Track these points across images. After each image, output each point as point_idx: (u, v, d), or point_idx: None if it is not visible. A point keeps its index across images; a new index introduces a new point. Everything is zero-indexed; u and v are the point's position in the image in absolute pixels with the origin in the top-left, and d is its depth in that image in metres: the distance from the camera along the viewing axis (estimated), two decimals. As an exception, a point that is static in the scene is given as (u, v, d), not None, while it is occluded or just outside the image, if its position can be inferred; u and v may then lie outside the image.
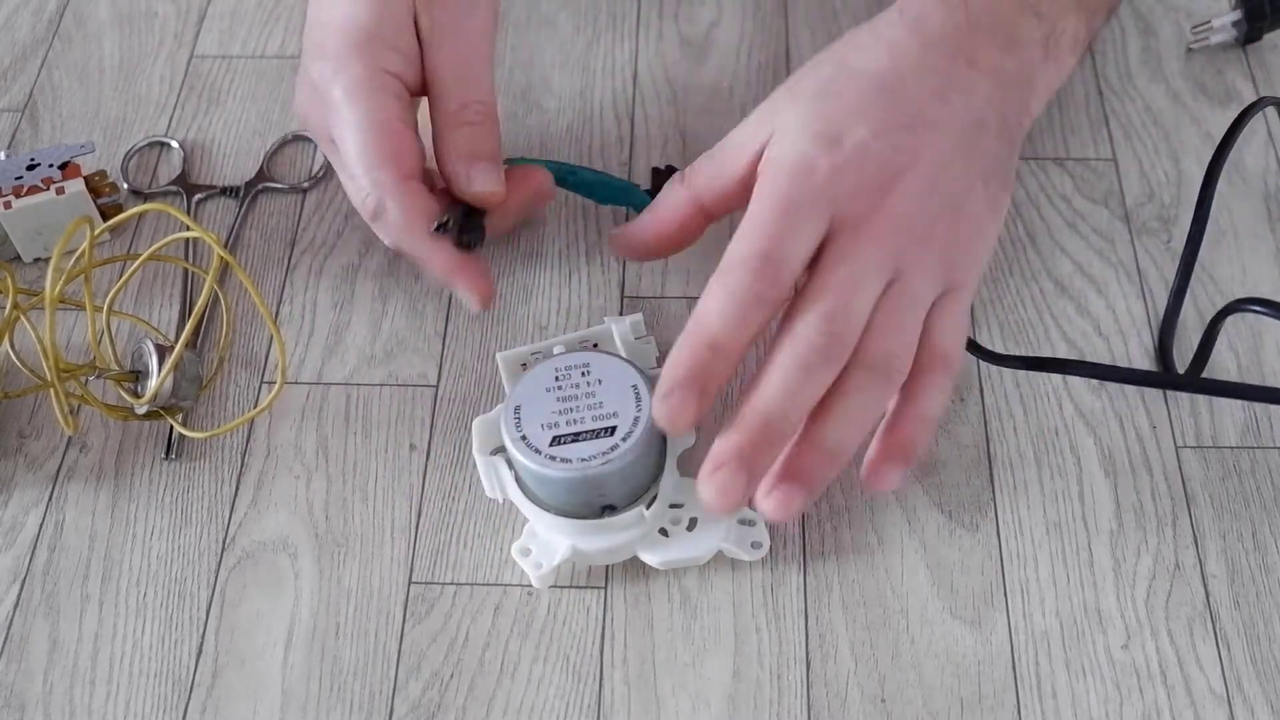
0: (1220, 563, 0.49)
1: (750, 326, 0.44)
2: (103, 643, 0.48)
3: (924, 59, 0.49)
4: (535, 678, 0.47)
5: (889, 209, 0.46)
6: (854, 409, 0.44)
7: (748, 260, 0.44)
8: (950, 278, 0.47)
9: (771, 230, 0.45)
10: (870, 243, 0.45)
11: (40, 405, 0.54)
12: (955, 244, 0.47)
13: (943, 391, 0.46)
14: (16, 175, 0.58)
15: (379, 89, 0.51)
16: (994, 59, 0.49)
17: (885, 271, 0.45)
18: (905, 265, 0.45)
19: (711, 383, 0.43)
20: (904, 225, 0.46)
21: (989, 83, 0.49)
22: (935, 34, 0.49)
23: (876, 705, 0.46)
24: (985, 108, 0.49)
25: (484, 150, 0.52)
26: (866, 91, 0.48)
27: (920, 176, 0.47)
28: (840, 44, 0.51)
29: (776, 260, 0.44)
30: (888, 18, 0.51)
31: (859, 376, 0.44)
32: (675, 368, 0.43)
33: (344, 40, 0.51)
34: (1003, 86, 0.50)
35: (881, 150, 0.47)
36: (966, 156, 0.48)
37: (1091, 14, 0.53)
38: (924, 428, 0.45)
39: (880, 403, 0.45)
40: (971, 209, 0.47)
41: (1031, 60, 0.51)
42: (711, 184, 0.50)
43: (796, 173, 0.46)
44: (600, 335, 0.52)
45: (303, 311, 0.57)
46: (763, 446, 0.42)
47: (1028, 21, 0.51)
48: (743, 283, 0.44)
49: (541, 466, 0.46)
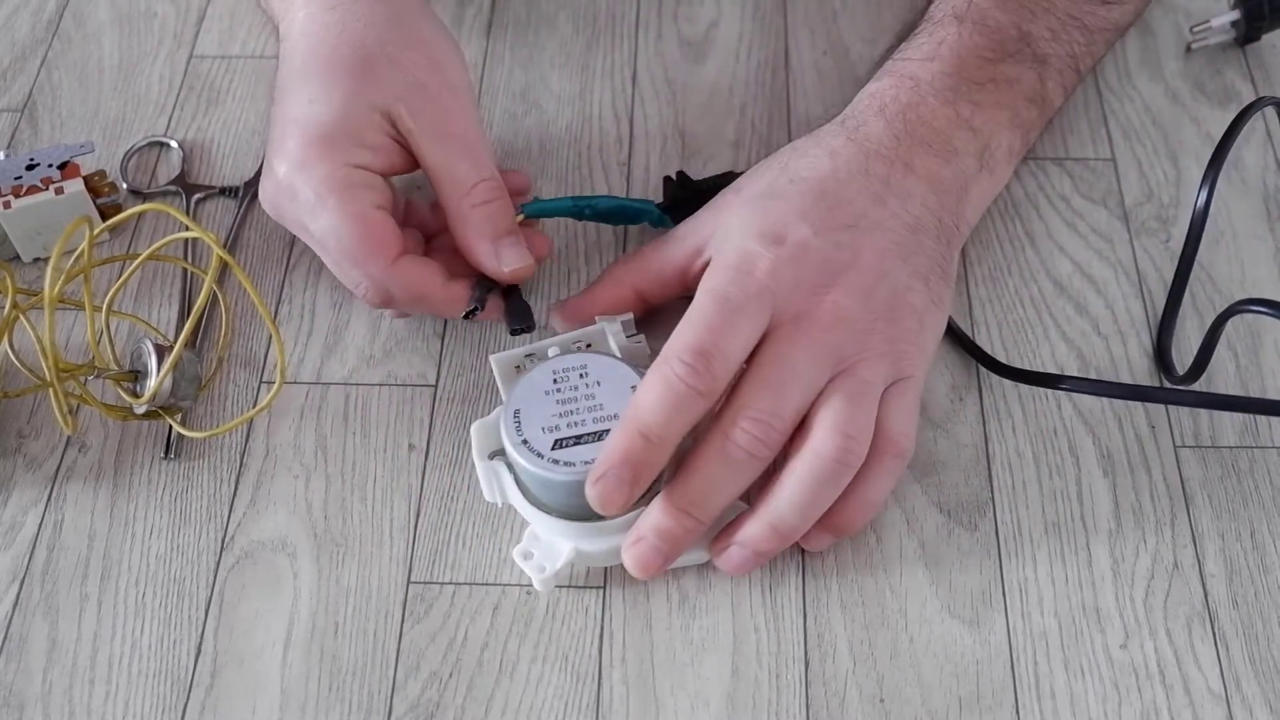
0: (1219, 562, 0.49)
1: (684, 419, 0.45)
2: (102, 642, 0.48)
3: (864, 165, 0.51)
4: (534, 677, 0.47)
5: (830, 304, 0.47)
6: (808, 495, 0.46)
7: (684, 355, 0.45)
8: (898, 368, 0.48)
9: (710, 325, 0.46)
10: (809, 339, 0.47)
11: (39, 405, 0.54)
12: (901, 337, 0.48)
13: (891, 476, 0.48)
14: (16, 175, 0.58)
15: (348, 184, 0.50)
16: (931, 166, 0.52)
17: (825, 366, 0.47)
18: (850, 357, 0.47)
19: (644, 470, 0.45)
20: (845, 320, 0.47)
21: (925, 188, 0.51)
22: (874, 142, 0.52)
23: (875, 705, 0.46)
24: (923, 211, 0.51)
25: (504, 227, 0.52)
26: (808, 195, 0.50)
27: (862, 274, 0.48)
28: (784, 151, 0.53)
29: (713, 356, 0.45)
30: (829, 129, 0.53)
31: (815, 464, 0.45)
32: (610, 453, 0.45)
33: (307, 140, 0.51)
34: (939, 192, 0.52)
35: (823, 247, 0.48)
36: (906, 256, 0.50)
37: (1026, 129, 0.56)
38: (865, 511, 0.48)
39: (836, 490, 0.46)
40: (915, 303, 0.49)
41: (966, 170, 0.53)
42: (650, 273, 0.53)
43: (739, 269, 0.47)
44: (593, 336, 0.52)
45: (302, 311, 0.57)
46: (679, 533, 0.46)
47: (963, 135, 0.53)
48: (680, 376, 0.45)
49: (545, 470, 0.46)
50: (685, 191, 0.57)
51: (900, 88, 0.53)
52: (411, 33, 0.53)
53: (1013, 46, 0.55)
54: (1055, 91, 0.57)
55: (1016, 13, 0.56)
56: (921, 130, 0.52)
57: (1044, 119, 0.57)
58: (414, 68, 0.52)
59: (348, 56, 0.52)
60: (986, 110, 0.54)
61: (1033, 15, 0.56)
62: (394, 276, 0.51)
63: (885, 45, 0.64)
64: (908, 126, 0.52)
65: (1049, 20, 0.57)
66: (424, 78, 0.52)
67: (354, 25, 0.53)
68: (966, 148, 0.53)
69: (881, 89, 0.54)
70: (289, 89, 0.52)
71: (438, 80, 0.52)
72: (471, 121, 0.53)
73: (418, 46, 0.53)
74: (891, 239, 0.50)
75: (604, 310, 0.53)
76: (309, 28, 0.53)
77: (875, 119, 0.53)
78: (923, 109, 0.53)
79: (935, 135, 0.52)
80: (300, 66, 0.52)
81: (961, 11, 0.56)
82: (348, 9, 0.53)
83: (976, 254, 0.58)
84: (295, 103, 0.52)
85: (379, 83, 0.51)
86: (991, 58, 0.55)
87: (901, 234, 0.50)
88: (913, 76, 0.54)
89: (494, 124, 0.63)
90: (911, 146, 0.52)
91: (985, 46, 0.55)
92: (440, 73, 0.53)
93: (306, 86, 0.52)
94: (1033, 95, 0.56)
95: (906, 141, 0.52)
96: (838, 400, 0.46)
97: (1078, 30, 0.57)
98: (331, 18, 0.53)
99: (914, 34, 0.57)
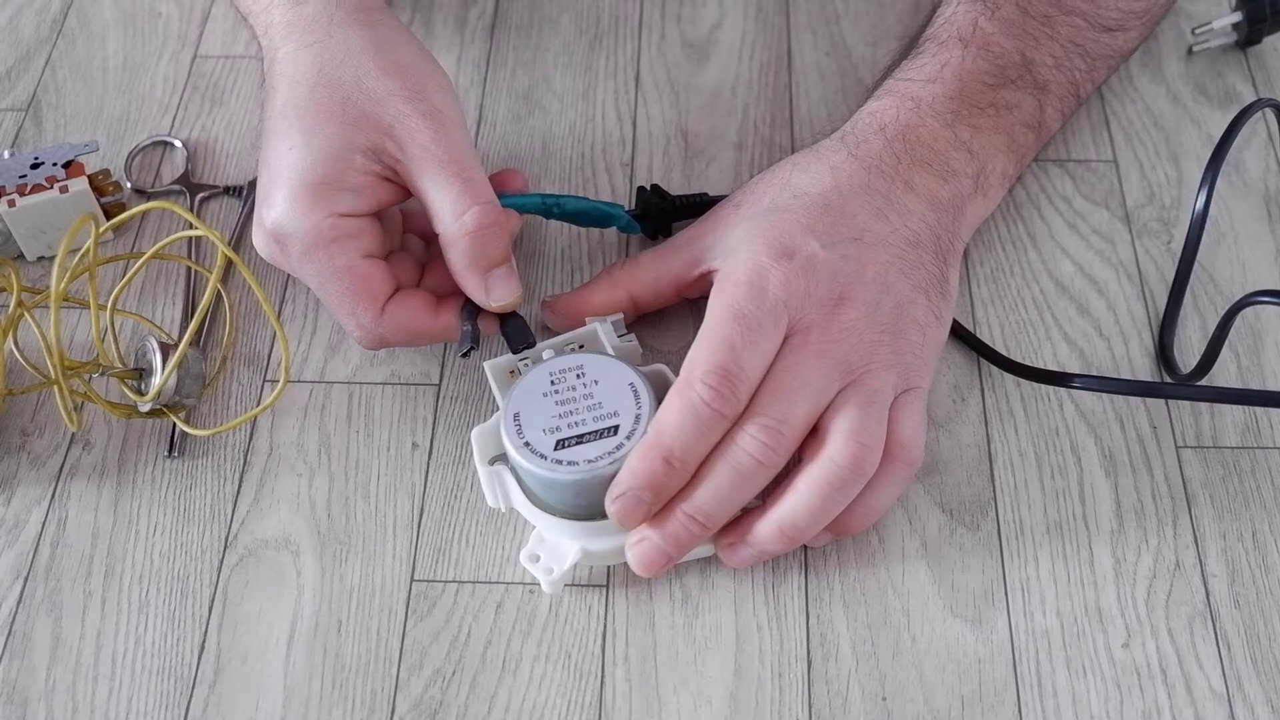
0: (1220, 562, 0.49)
1: (707, 441, 0.46)
2: (105, 640, 0.48)
3: (865, 180, 0.52)
4: (537, 675, 0.47)
5: (840, 317, 0.48)
6: (820, 500, 0.46)
7: (708, 378, 0.45)
8: (905, 378, 0.48)
9: (732, 345, 0.46)
10: (819, 349, 0.47)
11: (44, 403, 0.54)
12: (906, 349, 0.48)
13: (899, 484, 0.48)
14: (21, 174, 0.58)
15: (334, 238, 0.50)
16: (930, 186, 0.52)
17: (834, 377, 0.47)
18: (858, 368, 0.47)
19: (664, 491, 0.46)
20: (853, 331, 0.48)
21: (925, 206, 0.52)
22: (875, 159, 0.52)
23: (877, 703, 0.46)
24: (922, 228, 0.51)
25: (495, 256, 0.51)
26: (812, 209, 0.50)
27: (867, 287, 0.49)
28: (783, 166, 0.53)
29: (736, 377, 0.46)
30: (830, 144, 0.54)
31: (830, 470, 0.46)
32: (631, 475, 0.45)
33: (291, 192, 0.50)
34: (937, 211, 0.52)
35: (831, 260, 0.49)
36: (907, 271, 0.50)
37: (1021, 154, 0.56)
38: (869, 516, 0.48)
39: (848, 498, 0.46)
40: (917, 316, 0.49)
41: (963, 191, 0.53)
42: (646, 279, 0.53)
43: (752, 285, 0.47)
44: (585, 337, 0.52)
45: (306, 310, 0.57)
46: (684, 537, 0.46)
47: (961, 157, 0.53)
48: (705, 400, 0.45)
49: (549, 471, 0.46)
50: (659, 201, 0.57)
51: (901, 108, 0.54)
52: (389, 61, 0.52)
53: (1015, 73, 0.55)
54: (1053, 117, 0.57)
55: (1020, 39, 0.56)
56: (921, 150, 0.53)
57: (1040, 144, 0.57)
58: (395, 99, 0.51)
59: (325, 99, 0.51)
60: (985, 134, 0.54)
61: (1036, 42, 0.56)
62: (384, 324, 0.51)
63: (887, 48, 0.65)
64: (908, 146, 0.53)
65: (1052, 48, 0.57)
66: (406, 107, 0.51)
67: (331, 63, 0.52)
68: (964, 170, 0.53)
69: (883, 108, 0.54)
70: (271, 135, 0.52)
71: (421, 107, 0.51)
72: (459, 145, 0.51)
73: (397, 75, 0.51)
74: (894, 253, 0.50)
75: (596, 312, 0.53)
76: (287, 69, 0.52)
77: (875, 137, 0.53)
78: (923, 130, 0.53)
79: (934, 156, 0.53)
80: (280, 111, 0.52)
81: (966, 35, 0.56)
82: (323, 46, 0.52)
83: (979, 255, 0.58)
84: (276, 151, 0.51)
85: (359, 123, 0.50)
86: (993, 83, 0.55)
87: (903, 249, 0.50)
88: (914, 97, 0.54)
89: (497, 124, 0.63)
90: (911, 165, 0.52)
91: (987, 71, 0.55)
92: (423, 99, 0.51)
93: (287, 134, 0.51)
94: (1031, 121, 0.56)
95: (906, 160, 0.52)
96: (851, 409, 0.46)
97: (1080, 58, 0.58)
98: (308, 56, 0.52)
99: (916, 53, 0.57)
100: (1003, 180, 0.55)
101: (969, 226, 0.54)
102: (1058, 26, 0.57)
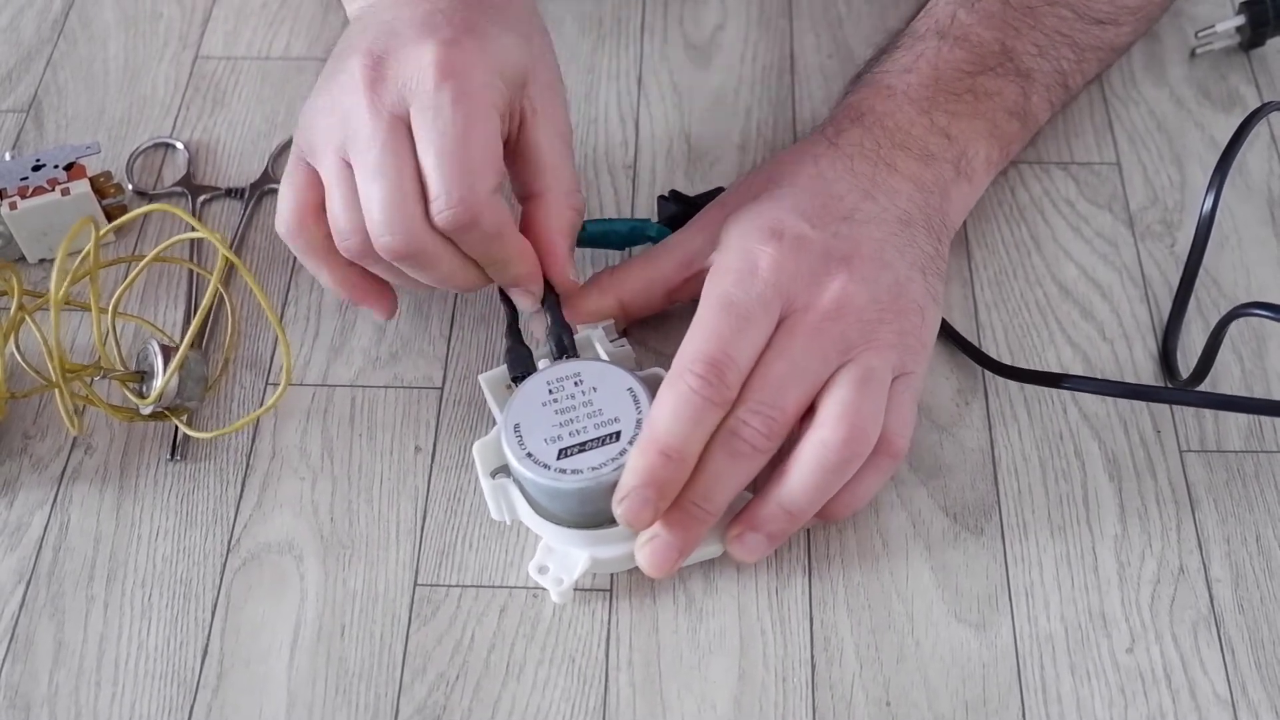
0: (1224, 567, 0.49)
1: (702, 431, 0.45)
2: (108, 644, 0.48)
3: (849, 165, 0.52)
4: (541, 680, 0.47)
5: (834, 293, 0.47)
6: (816, 480, 0.46)
7: (696, 367, 0.45)
8: (903, 360, 0.48)
9: (719, 334, 0.46)
10: (814, 329, 0.47)
11: (45, 406, 0.54)
12: (907, 329, 0.48)
13: (882, 475, 0.48)
14: (22, 176, 0.58)
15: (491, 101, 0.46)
16: (912, 167, 0.52)
17: (831, 356, 0.47)
18: (857, 345, 0.47)
19: (668, 487, 0.45)
20: (851, 308, 0.47)
21: (911, 186, 0.52)
22: (855, 146, 0.52)
23: (881, 708, 0.46)
24: (911, 207, 0.51)
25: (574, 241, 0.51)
26: (799, 195, 0.50)
27: (865, 262, 0.48)
28: (768, 163, 0.54)
29: (725, 365, 0.45)
30: (809, 138, 0.54)
31: (822, 452, 0.45)
32: (632, 474, 0.45)
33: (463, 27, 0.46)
34: (923, 191, 0.52)
35: (822, 238, 0.48)
36: (902, 249, 0.50)
37: (1006, 141, 0.56)
38: (851, 505, 0.48)
39: (844, 477, 0.46)
40: (917, 296, 0.49)
41: (944, 174, 0.53)
42: (636, 286, 0.52)
43: (741, 270, 0.47)
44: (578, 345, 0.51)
45: (308, 313, 0.57)
46: (689, 527, 0.46)
47: (938, 140, 0.53)
48: (694, 389, 0.45)
49: (553, 481, 0.46)
50: (684, 206, 0.57)
51: (876, 97, 0.54)
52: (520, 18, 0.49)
53: (993, 60, 0.55)
54: (1040, 106, 0.57)
55: (1000, 29, 0.56)
56: (899, 135, 0.53)
57: (1027, 132, 0.57)
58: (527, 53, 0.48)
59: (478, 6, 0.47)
60: (963, 120, 0.54)
61: (1017, 32, 0.56)
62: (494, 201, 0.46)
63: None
64: (886, 132, 0.53)
65: (1035, 36, 0.57)
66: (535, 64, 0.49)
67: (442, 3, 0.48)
68: (943, 154, 0.53)
69: (859, 99, 0.55)
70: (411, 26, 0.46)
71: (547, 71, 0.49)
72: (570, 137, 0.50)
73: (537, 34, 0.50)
74: (887, 230, 0.50)
75: (586, 319, 0.52)
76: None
77: (853, 126, 0.53)
78: (899, 116, 0.53)
79: (912, 140, 0.53)
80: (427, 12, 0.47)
81: (944, 27, 0.56)
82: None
83: (982, 258, 0.58)
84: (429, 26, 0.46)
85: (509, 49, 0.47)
86: (970, 70, 0.55)
87: (895, 227, 0.50)
88: (889, 86, 0.54)
89: (500, 126, 0.63)
90: (892, 149, 0.52)
91: (965, 60, 0.55)
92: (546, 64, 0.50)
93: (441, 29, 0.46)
94: (1014, 109, 0.56)
95: (886, 145, 0.53)
96: (844, 389, 0.46)
97: (1067, 47, 0.58)
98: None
99: (894, 47, 0.57)
100: (987, 166, 0.55)
101: (957, 211, 0.54)
102: (1042, 17, 0.57)
